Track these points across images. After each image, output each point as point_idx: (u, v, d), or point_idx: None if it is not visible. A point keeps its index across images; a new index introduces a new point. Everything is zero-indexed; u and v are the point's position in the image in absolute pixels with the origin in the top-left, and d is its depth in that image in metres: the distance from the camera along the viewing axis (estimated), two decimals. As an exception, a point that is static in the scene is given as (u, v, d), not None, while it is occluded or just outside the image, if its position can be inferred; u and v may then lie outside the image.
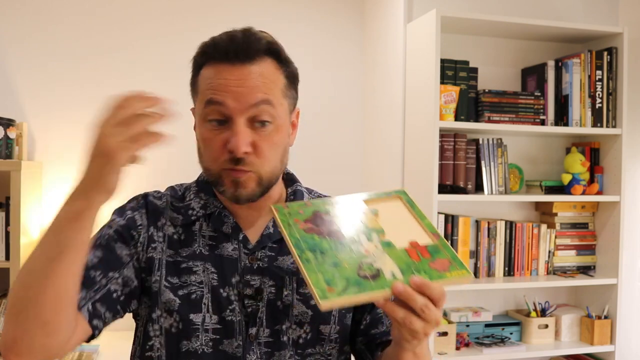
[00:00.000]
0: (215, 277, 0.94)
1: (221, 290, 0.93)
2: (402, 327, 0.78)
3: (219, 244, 0.96)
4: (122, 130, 0.72)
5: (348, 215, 0.88)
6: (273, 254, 0.97)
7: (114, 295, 0.92)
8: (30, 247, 2.27)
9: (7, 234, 2.18)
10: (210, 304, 0.93)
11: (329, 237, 0.83)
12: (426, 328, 0.78)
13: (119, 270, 0.93)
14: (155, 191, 1.04)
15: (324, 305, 0.74)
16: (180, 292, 0.93)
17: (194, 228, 0.98)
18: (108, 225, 0.98)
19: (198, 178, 1.04)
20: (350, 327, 1.02)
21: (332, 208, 0.89)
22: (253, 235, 0.98)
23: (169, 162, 2.60)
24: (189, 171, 1.08)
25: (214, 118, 0.91)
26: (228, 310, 0.93)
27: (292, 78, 0.98)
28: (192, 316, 0.92)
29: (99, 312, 0.90)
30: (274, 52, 0.94)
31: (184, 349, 0.92)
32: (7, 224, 2.19)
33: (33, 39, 2.48)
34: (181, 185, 1.06)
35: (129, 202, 1.02)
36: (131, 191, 2.68)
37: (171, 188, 1.05)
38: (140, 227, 0.97)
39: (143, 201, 1.01)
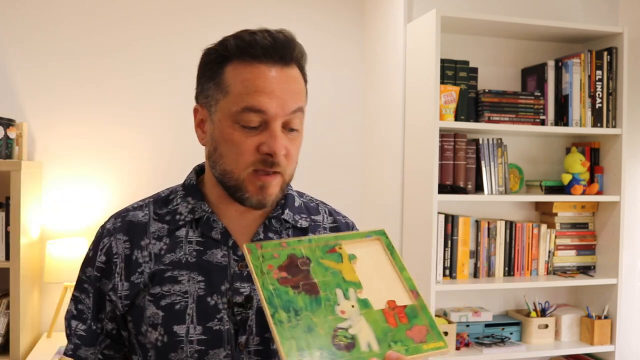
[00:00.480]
0: (202, 286, 0.92)
1: (208, 299, 0.91)
2: None
3: (208, 250, 0.94)
4: None
5: (325, 262, 0.85)
6: None
7: (114, 332, 0.97)
8: (30, 247, 2.28)
9: (7, 234, 2.18)
10: (194, 314, 0.90)
11: (305, 292, 0.80)
12: None
13: (105, 308, 0.96)
14: (138, 202, 1.02)
15: None
16: (163, 302, 0.91)
17: (180, 233, 0.95)
18: (90, 262, 0.97)
19: (184, 182, 1.01)
20: None
21: (308, 251, 0.85)
22: (243, 241, 0.96)
23: (169, 162, 2.61)
24: (189, 171, 1.07)
25: (252, 125, 0.88)
26: (216, 320, 0.90)
27: (306, 84, 0.98)
28: (175, 328, 0.90)
29: (108, 355, 0.98)
30: (303, 62, 0.94)
31: None
32: (7, 224, 2.19)
33: (33, 39, 2.49)
34: (167, 189, 1.03)
35: (107, 222, 1.00)
36: (132, 191, 2.66)
37: (155, 194, 1.03)
38: (116, 257, 0.95)
39: (120, 223, 0.98)
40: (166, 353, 0.91)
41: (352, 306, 0.80)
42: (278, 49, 0.88)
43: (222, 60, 0.90)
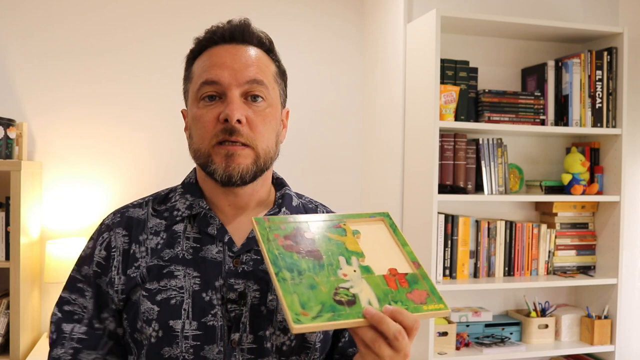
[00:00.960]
0: (197, 282, 0.91)
1: (203, 295, 0.91)
2: (367, 350, 0.76)
3: (203, 246, 0.94)
4: None
5: (329, 235, 0.87)
6: (258, 257, 0.94)
7: (118, 331, 0.95)
8: (30, 247, 2.28)
9: (7, 234, 2.18)
10: (190, 309, 0.90)
11: (308, 257, 0.82)
12: (393, 358, 0.76)
13: (108, 305, 0.95)
14: (138, 200, 1.02)
15: (296, 329, 0.73)
16: (159, 297, 0.91)
17: (178, 229, 0.96)
18: (89, 258, 0.97)
19: (184, 180, 1.03)
20: (330, 340, 1.01)
21: (314, 226, 0.88)
22: (238, 237, 0.96)
23: (169, 162, 2.61)
24: (189, 171, 1.07)
25: (208, 94, 0.92)
26: (210, 315, 0.90)
27: (282, 71, 1.01)
28: (171, 323, 0.89)
29: None
30: (266, 45, 0.98)
31: (166, 355, 0.89)
32: (7, 224, 2.19)
33: (33, 39, 2.49)
34: (167, 188, 1.04)
35: (106, 219, 1.00)
36: (132, 191, 2.66)
37: (155, 193, 1.04)
38: (114, 251, 0.95)
39: (119, 218, 0.99)
40: (160, 348, 0.90)
41: (354, 271, 0.82)
42: (231, 32, 0.95)
43: (192, 58, 0.98)
